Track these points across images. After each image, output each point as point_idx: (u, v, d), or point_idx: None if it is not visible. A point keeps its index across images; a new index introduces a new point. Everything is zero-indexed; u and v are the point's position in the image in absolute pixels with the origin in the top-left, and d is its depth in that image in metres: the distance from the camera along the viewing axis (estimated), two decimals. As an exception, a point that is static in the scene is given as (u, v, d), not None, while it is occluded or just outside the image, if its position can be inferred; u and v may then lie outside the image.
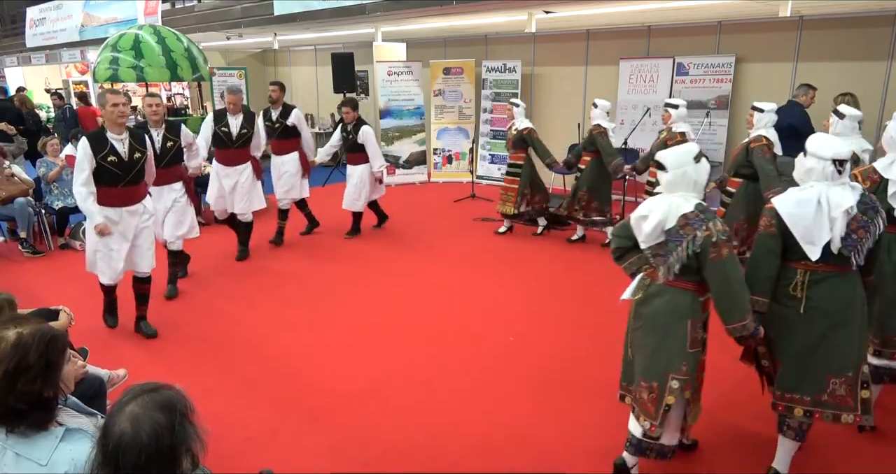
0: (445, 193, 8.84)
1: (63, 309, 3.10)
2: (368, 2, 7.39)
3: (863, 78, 6.61)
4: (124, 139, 4.13)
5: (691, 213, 2.52)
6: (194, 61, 8.43)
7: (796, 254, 2.57)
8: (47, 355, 1.65)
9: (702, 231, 2.48)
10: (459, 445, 3.14)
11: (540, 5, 6.75)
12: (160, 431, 1.37)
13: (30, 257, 6.39)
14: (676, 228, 2.53)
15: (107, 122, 4.15)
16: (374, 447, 3.13)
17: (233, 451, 3.06)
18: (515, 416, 3.39)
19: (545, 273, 5.78)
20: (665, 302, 2.61)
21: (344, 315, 4.84)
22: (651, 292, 2.66)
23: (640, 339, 2.73)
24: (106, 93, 4.22)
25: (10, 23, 19.68)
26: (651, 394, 2.64)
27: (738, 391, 3.56)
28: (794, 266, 2.60)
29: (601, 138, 6.13)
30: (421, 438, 3.20)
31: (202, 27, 10.31)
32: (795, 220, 2.52)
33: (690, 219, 2.51)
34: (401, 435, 3.23)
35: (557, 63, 9.29)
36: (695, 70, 7.74)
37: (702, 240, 2.48)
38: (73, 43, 13.41)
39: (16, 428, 1.62)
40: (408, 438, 3.20)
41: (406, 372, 3.91)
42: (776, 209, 2.58)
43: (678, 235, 2.52)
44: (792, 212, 2.54)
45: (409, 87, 10.11)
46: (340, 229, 7.18)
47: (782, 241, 2.58)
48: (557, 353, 4.13)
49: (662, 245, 2.58)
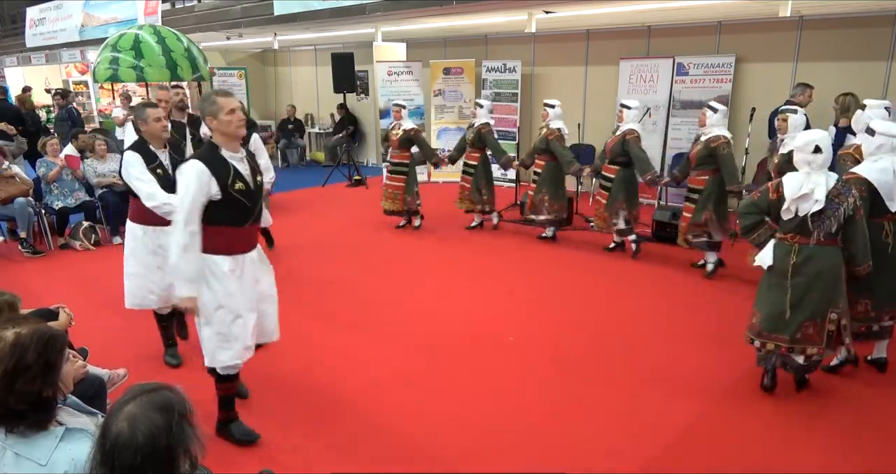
0: (445, 193, 8.84)
1: (63, 308, 3.10)
2: (368, 2, 7.39)
3: (863, 78, 6.61)
4: (242, 158, 2.97)
5: (838, 185, 3.24)
6: (194, 61, 8.43)
7: (879, 210, 3.45)
8: (46, 355, 1.65)
9: (850, 198, 3.20)
10: (459, 445, 3.14)
11: (540, 5, 6.76)
12: (157, 432, 1.36)
13: (30, 257, 6.39)
14: (831, 198, 3.20)
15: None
16: (375, 447, 3.13)
17: (233, 451, 3.06)
18: (515, 416, 3.39)
19: (545, 272, 5.78)
20: (826, 258, 3.29)
21: (343, 315, 4.83)
22: (808, 254, 3.29)
23: (802, 291, 3.31)
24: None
25: (10, 23, 19.69)
26: (817, 328, 3.32)
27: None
28: (879, 220, 3.49)
29: (557, 142, 6.31)
30: (421, 438, 3.20)
31: (202, 27, 10.31)
32: (882, 183, 3.38)
33: (841, 190, 3.22)
34: (401, 435, 3.23)
35: (557, 63, 9.28)
36: (695, 70, 7.74)
37: (852, 205, 3.20)
38: (73, 43, 13.41)
39: (15, 429, 1.62)
40: (408, 438, 3.20)
41: (406, 371, 3.91)
42: (864, 177, 3.38)
43: (834, 203, 3.20)
44: (878, 178, 3.38)
45: (409, 87, 10.11)
46: (340, 229, 7.19)
47: (870, 202, 3.39)
48: (558, 353, 4.13)
49: (820, 212, 3.21)
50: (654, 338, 4.35)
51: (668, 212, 6.56)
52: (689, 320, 4.65)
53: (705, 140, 5.27)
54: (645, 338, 4.35)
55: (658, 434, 3.19)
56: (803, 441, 3.13)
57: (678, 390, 3.63)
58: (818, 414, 3.37)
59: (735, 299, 5.01)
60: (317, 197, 9.18)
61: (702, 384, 3.69)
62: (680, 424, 3.28)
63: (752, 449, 3.06)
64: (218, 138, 2.89)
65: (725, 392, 3.60)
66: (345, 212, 8.38)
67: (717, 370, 3.86)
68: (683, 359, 4.02)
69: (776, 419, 3.31)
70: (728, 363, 3.94)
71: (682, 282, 5.44)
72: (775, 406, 3.45)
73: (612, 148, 5.91)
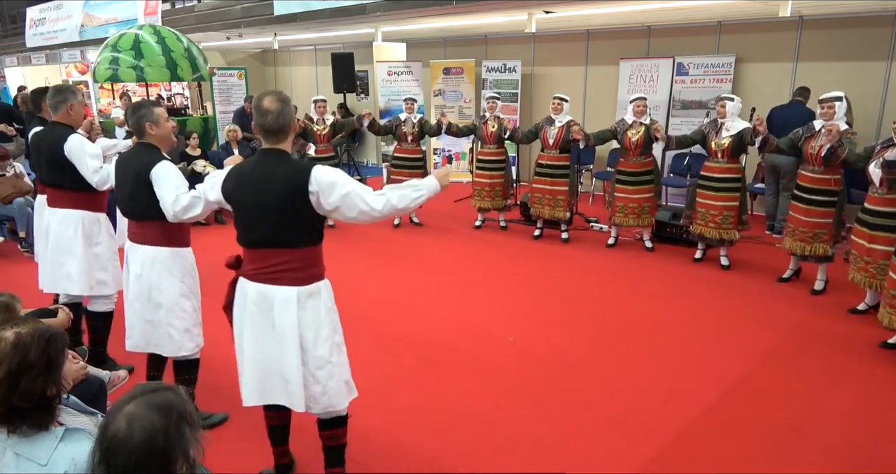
0: (445, 193, 8.80)
1: (61, 308, 3.10)
2: (368, 2, 7.39)
3: (863, 78, 6.61)
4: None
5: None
6: (194, 61, 8.43)
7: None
8: (48, 353, 1.65)
9: None
10: (459, 445, 3.13)
11: (540, 5, 6.75)
12: (154, 433, 1.35)
13: (29, 257, 6.38)
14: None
15: (161, 141, 3.14)
16: (375, 447, 3.12)
17: (233, 451, 3.05)
18: (515, 416, 3.38)
19: (546, 272, 5.78)
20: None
21: (343, 315, 4.82)
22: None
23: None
24: (154, 106, 3.16)
25: (10, 23, 19.69)
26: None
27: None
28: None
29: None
30: (421, 438, 3.20)
31: (202, 27, 10.31)
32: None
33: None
34: (400, 435, 3.23)
35: (557, 63, 9.28)
36: (695, 70, 7.74)
37: None
38: (73, 43, 13.40)
39: (18, 429, 1.62)
40: (408, 438, 3.20)
41: (406, 371, 3.91)
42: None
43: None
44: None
45: (409, 87, 10.11)
46: (340, 229, 7.18)
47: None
48: (558, 353, 4.12)
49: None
50: (654, 337, 4.35)
51: (668, 212, 6.56)
52: (690, 320, 4.65)
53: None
54: (645, 337, 4.35)
55: (658, 434, 3.19)
56: (807, 439, 3.13)
57: (678, 390, 3.63)
58: (821, 413, 3.37)
59: (735, 300, 5.01)
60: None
61: (702, 384, 3.69)
62: (680, 424, 3.27)
63: (753, 450, 3.06)
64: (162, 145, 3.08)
65: (725, 392, 3.60)
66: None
67: (717, 370, 3.86)
68: (684, 359, 4.02)
69: (777, 419, 3.31)
70: (728, 363, 3.94)
71: (683, 282, 5.44)
72: (776, 406, 3.45)
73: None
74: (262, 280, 2.48)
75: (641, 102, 6.02)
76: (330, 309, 2.63)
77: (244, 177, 2.49)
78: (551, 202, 6.48)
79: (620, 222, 6.23)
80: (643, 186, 6.08)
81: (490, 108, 6.92)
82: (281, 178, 2.39)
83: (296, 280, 2.47)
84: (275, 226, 2.42)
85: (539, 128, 6.51)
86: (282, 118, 2.46)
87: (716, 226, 5.53)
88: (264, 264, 2.47)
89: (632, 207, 6.12)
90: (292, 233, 2.43)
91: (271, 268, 2.46)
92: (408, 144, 7.18)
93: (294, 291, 2.46)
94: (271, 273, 2.46)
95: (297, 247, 2.45)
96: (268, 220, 2.42)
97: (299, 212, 2.40)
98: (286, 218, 2.40)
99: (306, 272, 2.49)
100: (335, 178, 2.39)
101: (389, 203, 2.46)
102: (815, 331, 4.39)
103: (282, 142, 2.49)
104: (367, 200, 2.41)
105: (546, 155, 6.43)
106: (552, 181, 6.42)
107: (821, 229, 4.88)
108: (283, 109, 2.47)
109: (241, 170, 2.55)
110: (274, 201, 2.38)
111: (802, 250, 4.97)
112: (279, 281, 2.46)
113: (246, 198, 2.46)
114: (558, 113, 6.36)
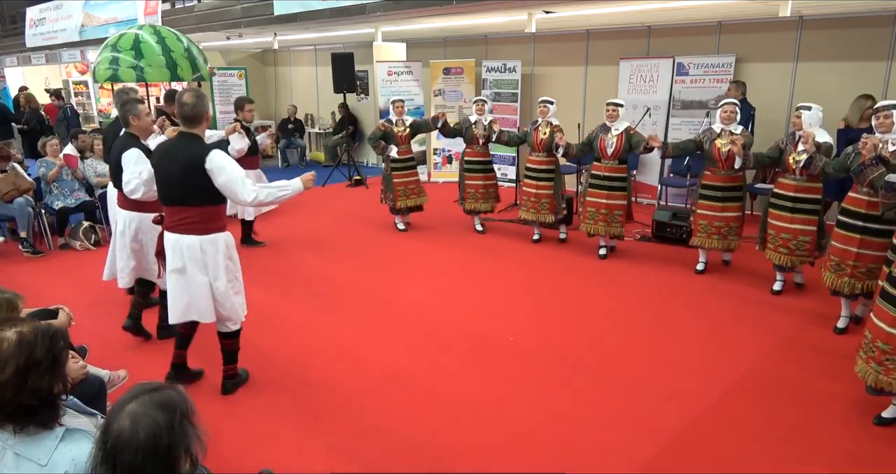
0: (445, 193, 8.83)
1: (62, 308, 3.10)
2: (368, 2, 7.39)
3: (863, 78, 6.61)
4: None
5: None
6: (194, 61, 8.42)
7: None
8: (53, 350, 1.66)
9: None
10: (459, 445, 3.14)
11: (540, 5, 6.75)
12: (158, 431, 1.36)
13: (30, 257, 6.39)
14: None
15: (142, 132, 4.09)
16: (375, 447, 3.13)
17: (233, 451, 3.06)
18: (515, 416, 3.39)
19: (545, 273, 5.78)
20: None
21: (343, 314, 4.84)
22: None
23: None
24: (138, 103, 4.13)
25: (10, 23, 19.70)
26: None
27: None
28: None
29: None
30: (421, 438, 3.20)
31: (202, 27, 10.31)
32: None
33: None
34: (401, 435, 3.23)
35: (557, 63, 9.28)
36: (695, 70, 7.74)
37: None
38: (73, 43, 13.40)
39: (25, 427, 1.63)
40: (408, 438, 3.20)
41: (406, 371, 3.91)
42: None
43: None
44: None
45: (409, 87, 10.11)
46: (340, 229, 7.18)
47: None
48: (558, 353, 4.13)
49: None
50: (654, 337, 4.35)
51: (668, 213, 6.55)
52: (689, 320, 4.65)
53: None
54: (645, 337, 4.35)
55: (658, 434, 3.19)
56: (807, 439, 3.13)
57: (678, 390, 3.63)
58: (820, 413, 3.37)
59: (735, 301, 5.01)
60: (317, 197, 9.17)
61: (702, 384, 3.69)
62: (680, 424, 3.28)
63: (753, 450, 3.06)
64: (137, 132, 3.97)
65: (725, 392, 3.60)
66: (345, 211, 8.38)
67: (716, 370, 3.86)
68: (683, 359, 4.02)
69: (777, 418, 3.32)
70: (728, 363, 3.94)
71: (682, 283, 5.44)
72: (776, 406, 3.45)
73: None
74: (175, 230, 3.30)
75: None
76: (228, 256, 3.38)
77: (164, 152, 3.35)
78: (607, 217, 5.86)
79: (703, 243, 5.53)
80: (732, 203, 5.34)
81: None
82: (186, 154, 3.21)
83: (198, 230, 3.27)
84: (181, 190, 3.23)
85: (594, 138, 5.90)
86: (196, 109, 3.24)
87: (788, 253, 4.86)
88: (175, 218, 3.30)
89: (717, 226, 5.38)
90: (193, 195, 3.22)
91: (180, 221, 3.28)
92: (479, 147, 6.89)
93: (197, 239, 3.28)
94: (180, 225, 3.28)
95: (197, 206, 3.25)
96: (175, 184, 3.24)
97: (198, 181, 3.19)
98: (188, 183, 3.21)
99: (206, 225, 3.28)
100: (224, 165, 3.19)
101: (258, 198, 3.28)
102: (815, 332, 4.39)
103: (195, 127, 3.29)
104: (241, 191, 3.21)
105: (602, 166, 5.81)
106: (609, 194, 5.83)
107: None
108: (198, 103, 3.25)
109: (163, 146, 3.40)
110: (179, 170, 3.20)
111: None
112: (186, 231, 3.27)
113: (162, 167, 3.31)
114: (614, 120, 5.80)
